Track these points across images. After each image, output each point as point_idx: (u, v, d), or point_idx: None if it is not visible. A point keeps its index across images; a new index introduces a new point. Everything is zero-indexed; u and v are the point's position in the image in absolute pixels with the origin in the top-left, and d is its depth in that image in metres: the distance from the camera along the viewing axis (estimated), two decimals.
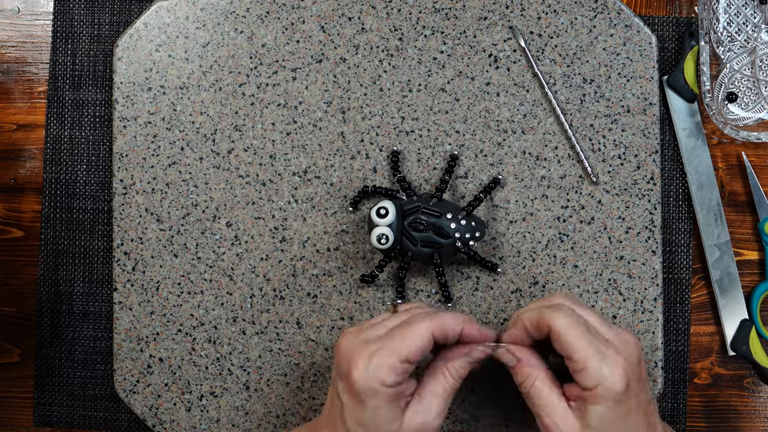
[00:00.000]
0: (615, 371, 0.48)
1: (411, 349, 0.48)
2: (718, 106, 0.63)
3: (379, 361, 0.48)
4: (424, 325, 0.49)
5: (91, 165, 0.65)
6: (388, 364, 0.48)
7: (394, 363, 0.48)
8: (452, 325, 0.50)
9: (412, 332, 0.48)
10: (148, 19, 0.63)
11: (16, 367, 0.65)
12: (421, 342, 0.48)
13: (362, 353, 0.49)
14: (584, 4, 0.62)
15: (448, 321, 0.50)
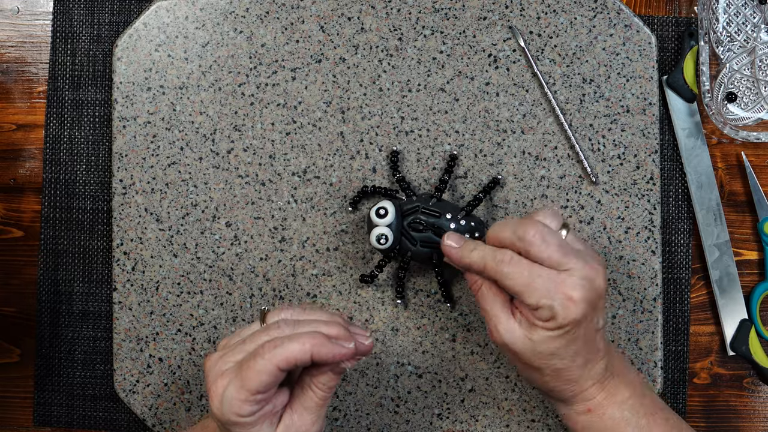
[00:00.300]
0: (568, 307, 0.48)
1: (259, 384, 0.47)
2: (718, 106, 0.63)
3: (230, 395, 0.48)
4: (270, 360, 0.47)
5: (90, 165, 0.65)
6: (239, 399, 0.48)
7: (245, 397, 0.48)
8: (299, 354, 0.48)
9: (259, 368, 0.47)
10: (147, 19, 0.63)
11: (16, 367, 0.66)
12: (267, 377, 0.47)
13: (217, 386, 0.49)
14: (584, 4, 0.62)
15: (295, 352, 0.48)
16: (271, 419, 0.49)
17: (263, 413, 0.49)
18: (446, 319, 0.62)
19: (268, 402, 0.49)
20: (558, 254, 0.49)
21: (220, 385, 0.48)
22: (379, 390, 0.62)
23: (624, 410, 0.52)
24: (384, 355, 0.62)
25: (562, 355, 0.50)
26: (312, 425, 0.50)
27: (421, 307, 0.62)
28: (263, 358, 0.48)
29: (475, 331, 0.62)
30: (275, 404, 0.50)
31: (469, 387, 0.62)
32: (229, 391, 0.48)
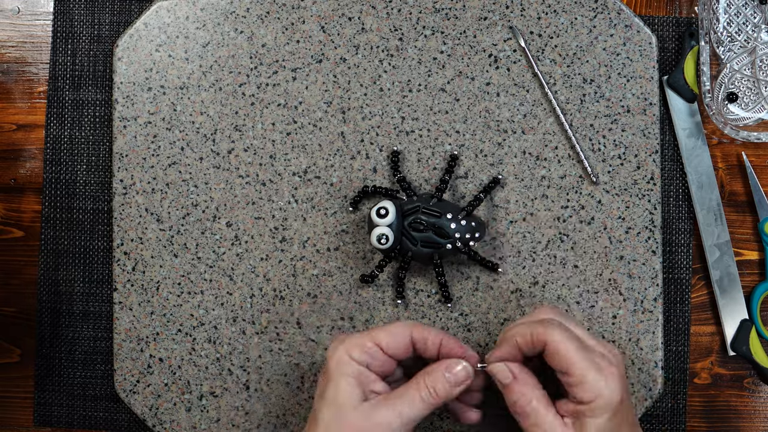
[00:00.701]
0: (612, 383, 0.48)
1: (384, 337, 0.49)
2: (718, 106, 0.63)
3: (352, 340, 0.50)
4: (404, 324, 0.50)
5: (91, 165, 0.65)
6: (358, 343, 0.50)
7: (364, 342, 0.49)
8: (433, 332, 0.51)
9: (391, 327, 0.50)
10: (148, 19, 0.63)
11: (16, 367, 0.65)
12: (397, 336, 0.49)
13: (341, 340, 0.51)
14: (584, 4, 0.62)
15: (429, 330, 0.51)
16: (365, 390, 0.50)
17: (366, 374, 0.49)
18: (446, 319, 0.62)
19: (376, 366, 0.50)
20: (584, 332, 0.52)
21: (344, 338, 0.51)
22: None
23: None
24: None
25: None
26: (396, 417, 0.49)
27: (421, 307, 0.62)
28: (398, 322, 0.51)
29: (475, 331, 0.62)
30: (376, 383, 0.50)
31: None
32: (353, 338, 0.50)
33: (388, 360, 0.51)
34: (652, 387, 0.61)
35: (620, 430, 0.49)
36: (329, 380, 0.50)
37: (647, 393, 0.61)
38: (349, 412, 0.49)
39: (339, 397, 0.49)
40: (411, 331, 0.51)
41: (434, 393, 0.50)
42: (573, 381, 0.49)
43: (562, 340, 0.49)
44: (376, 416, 0.49)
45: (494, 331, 0.62)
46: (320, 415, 0.50)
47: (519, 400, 0.51)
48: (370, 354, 0.50)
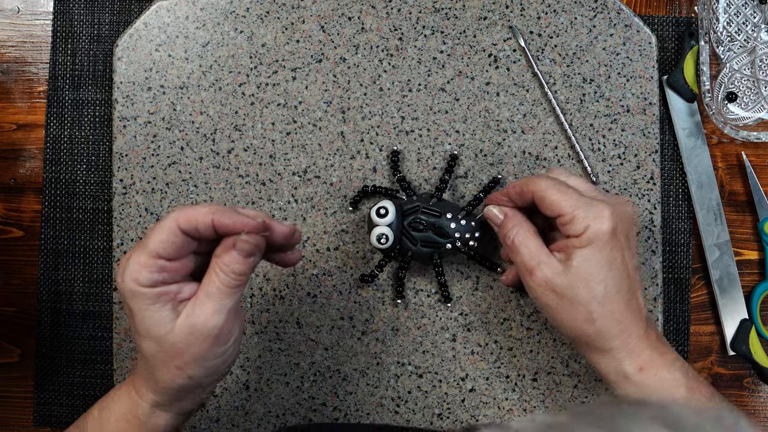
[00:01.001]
0: (602, 215, 0.50)
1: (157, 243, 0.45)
2: (718, 106, 0.63)
3: (132, 260, 0.46)
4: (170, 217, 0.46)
5: (91, 165, 0.65)
6: (139, 263, 0.45)
7: (145, 261, 0.45)
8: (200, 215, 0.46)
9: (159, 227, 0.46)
10: (148, 18, 0.63)
11: (16, 367, 0.65)
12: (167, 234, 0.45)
13: (123, 258, 0.47)
14: (584, 4, 0.62)
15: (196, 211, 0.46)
16: (174, 305, 0.46)
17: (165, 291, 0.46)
18: (446, 319, 0.62)
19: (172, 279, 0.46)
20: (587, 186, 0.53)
21: (125, 258, 0.46)
22: (379, 390, 0.62)
23: (674, 371, 0.51)
24: (384, 355, 0.62)
25: (603, 277, 0.50)
26: (212, 315, 0.46)
27: (421, 307, 0.62)
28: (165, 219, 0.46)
29: (475, 331, 0.62)
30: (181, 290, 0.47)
31: (469, 387, 0.62)
32: (132, 257, 0.46)
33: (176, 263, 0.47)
34: None
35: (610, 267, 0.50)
36: (133, 314, 0.47)
37: None
38: (167, 338, 0.46)
39: (150, 328, 0.46)
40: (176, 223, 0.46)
41: (234, 275, 0.47)
42: (564, 220, 0.51)
43: (548, 186, 0.51)
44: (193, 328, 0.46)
45: (494, 330, 0.62)
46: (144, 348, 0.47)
47: (508, 232, 0.53)
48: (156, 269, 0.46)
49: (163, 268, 0.46)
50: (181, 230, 0.46)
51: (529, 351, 0.62)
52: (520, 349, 0.62)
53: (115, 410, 0.50)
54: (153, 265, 0.46)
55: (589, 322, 0.51)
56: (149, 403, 0.49)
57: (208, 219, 0.46)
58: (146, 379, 0.49)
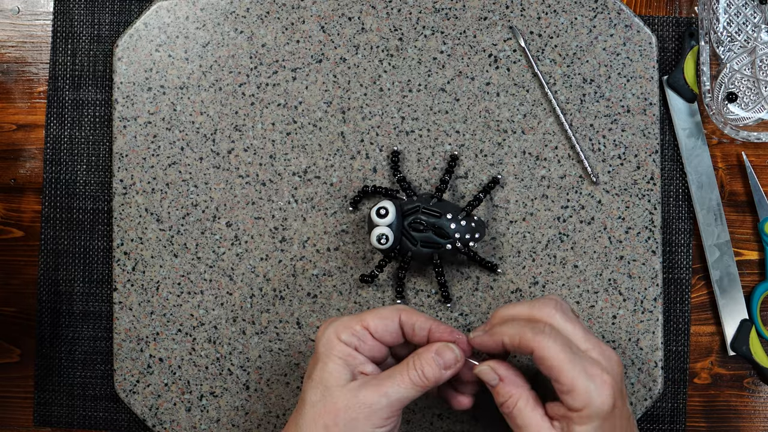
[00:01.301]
0: (603, 391, 0.47)
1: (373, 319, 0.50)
2: (718, 106, 0.63)
3: (342, 322, 0.50)
4: (394, 308, 0.51)
5: (91, 165, 0.65)
6: (346, 325, 0.50)
7: (353, 325, 0.50)
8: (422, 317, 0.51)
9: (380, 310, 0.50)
10: (148, 19, 0.63)
11: (16, 367, 0.65)
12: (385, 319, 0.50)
13: (330, 322, 0.51)
14: (584, 4, 0.62)
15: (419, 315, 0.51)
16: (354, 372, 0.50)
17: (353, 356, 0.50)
18: (446, 319, 0.62)
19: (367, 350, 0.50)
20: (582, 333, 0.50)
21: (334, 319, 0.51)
22: None
23: None
24: None
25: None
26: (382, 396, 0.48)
27: (421, 307, 0.62)
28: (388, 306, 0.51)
29: None
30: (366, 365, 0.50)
31: None
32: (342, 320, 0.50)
33: (377, 344, 0.51)
34: (652, 387, 0.61)
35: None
36: (317, 362, 0.50)
37: (647, 393, 0.61)
38: (335, 391, 0.49)
39: (326, 377, 0.49)
40: (400, 315, 0.51)
41: (422, 375, 0.49)
42: (563, 389, 0.48)
43: (549, 346, 0.48)
44: (362, 395, 0.48)
45: None
46: (307, 396, 0.50)
47: (506, 401, 0.50)
48: (359, 336, 0.50)
49: (363, 338, 0.50)
50: (400, 321, 0.50)
51: None
52: None
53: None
54: (358, 331, 0.50)
55: None
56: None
57: (427, 324, 0.51)
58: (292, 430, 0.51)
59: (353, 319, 0.50)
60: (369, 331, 0.50)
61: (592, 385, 0.47)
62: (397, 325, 0.51)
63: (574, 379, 0.47)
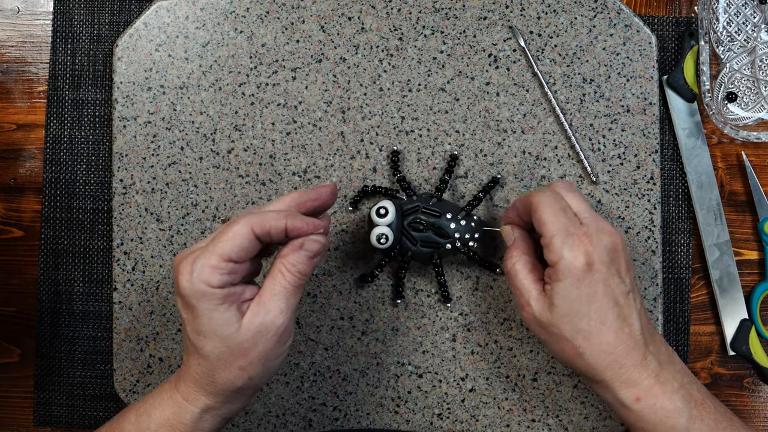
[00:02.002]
0: (575, 248, 0.49)
1: (230, 247, 0.47)
2: (718, 106, 0.63)
3: (201, 263, 0.47)
4: (243, 222, 0.47)
5: (91, 165, 0.65)
6: (209, 265, 0.47)
7: (216, 263, 0.47)
8: (273, 220, 0.48)
9: (231, 231, 0.47)
10: (148, 19, 0.63)
11: (16, 367, 0.65)
12: (240, 239, 0.47)
13: (186, 261, 0.48)
14: (584, 4, 0.62)
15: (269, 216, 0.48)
16: (239, 305, 0.48)
17: (231, 292, 0.47)
18: (446, 319, 0.62)
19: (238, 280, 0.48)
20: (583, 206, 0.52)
21: (191, 259, 0.47)
22: (379, 390, 0.62)
23: (676, 400, 0.49)
24: (384, 355, 0.62)
25: (585, 312, 0.49)
26: (279, 314, 0.48)
27: (421, 307, 0.62)
28: (237, 223, 0.47)
29: (475, 331, 0.62)
30: (244, 291, 0.48)
31: (469, 387, 0.62)
32: (200, 260, 0.47)
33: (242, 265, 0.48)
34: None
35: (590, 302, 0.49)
36: (197, 315, 0.47)
37: None
38: (233, 336, 0.47)
39: (216, 327, 0.47)
40: (251, 228, 0.48)
41: (299, 273, 0.49)
42: (544, 242, 0.50)
43: (544, 202, 0.51)
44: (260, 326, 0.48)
45: (494, 331, 0.62)
46: (206, 349, 0.48)
47: (509, 260, 0.53)
48: (226, 271, 0.47)
49: (232, 271, 0.47)
50: (254, 235, 0.48)
51: (529, 351, 0.62)
52: (520, 349, 0.62)
53: (156, 416, 0.50)
54: (224, 268, 0.47)
55: (577, 356, 0.50)
56: (199, 407, 0.50)
57: (281, 224, 0.48)
58: (200, 383, 0.49)
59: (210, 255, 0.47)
60: (231, 260, 0.47)
61: (567, 241, 0.49)
62: (252, 238, 0.48)
63: (553, 233, 0.49)
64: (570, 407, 0.62)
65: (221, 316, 0.47)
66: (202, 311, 0.47)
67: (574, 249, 0.49)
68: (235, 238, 0.47)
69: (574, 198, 0.53)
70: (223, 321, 0.47)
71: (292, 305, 0.49)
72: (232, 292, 0.48)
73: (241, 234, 0.47)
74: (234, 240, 0.47)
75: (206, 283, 0.47)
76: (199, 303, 0.47)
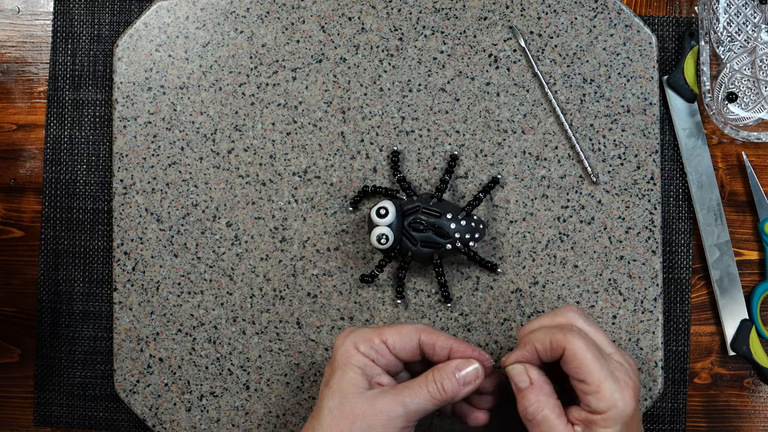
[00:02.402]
0: (626, 395, 0.48)
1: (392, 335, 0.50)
2: (718, 106, 0.63)
3: (360, 334, 0.51)
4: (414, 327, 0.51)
5: (91, 165, 0.65)
6: (365, 337, 0.50)
7: (372, 337, 0.50)
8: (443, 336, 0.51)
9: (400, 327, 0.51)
10: (148, 19, 0.63)
11: (16, 367, 0.65)
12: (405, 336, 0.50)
13: (349, 332, 0.52)
14: (584, 4, 0.62)
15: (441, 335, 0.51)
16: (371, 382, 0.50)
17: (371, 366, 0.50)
18: (446, 319, 0.62)
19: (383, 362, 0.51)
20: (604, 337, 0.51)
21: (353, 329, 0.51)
22: None
23: None
24: None
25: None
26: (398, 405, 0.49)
27: (421, 307, 0.62)
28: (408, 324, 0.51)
29: (475, 331, 0.62)
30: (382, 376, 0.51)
31: None
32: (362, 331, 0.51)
33: (393, 359, 0.52)
34: (652, 387, 0.61)
35: None
36: (335, 370, 0.51)
37: (647, 393, 0.61)
38: (352, 399, 0.49)
39: (344, 385, 0.50)
40: (420, 334, 0.51)
41: (441, 388, 0.50)
42: (589, 390, 0.49)
43: (581, 347, 0.49)
44: (379, 403, 0.49)
45: (494, 331, 0.62)
46: (325, 402, 0.50)
47: (532, 406, 0.50)
48: (377, 350, 0.51)
49: (381, 352, 0.50)
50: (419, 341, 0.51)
51: None
52: None
53: None
54: (376, 344, 0.50)
55: None
56: None
57: (447, 344, 0.51)
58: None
59: (373, 332, 0.51)
60: (387, 346, 0.51)
61: (617, 388, 0.48)
62: (416, 344, 0.51)
63: (601, 380, 0.48)
64: None
65: (352, 378, 0.50)
66: (338, 366, 0.51)
67: (624, 396, 0.48)
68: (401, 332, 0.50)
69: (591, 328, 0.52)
70: (352, 382, 0.50)
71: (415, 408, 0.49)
72: (371, 366, 0.50)
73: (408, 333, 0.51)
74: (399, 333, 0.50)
75: (355, 346, 0.50)
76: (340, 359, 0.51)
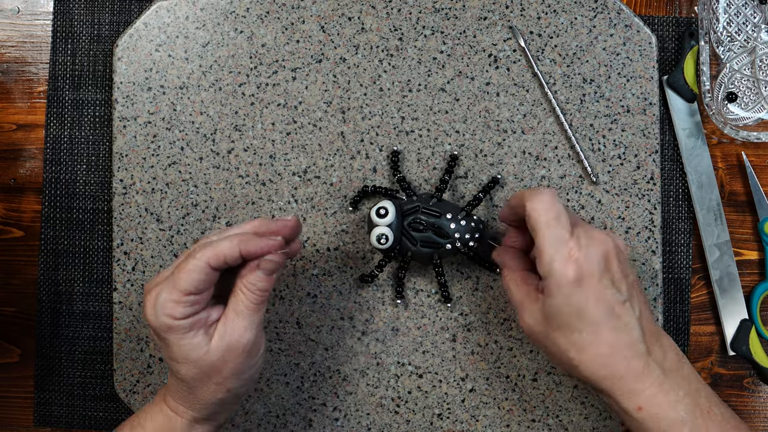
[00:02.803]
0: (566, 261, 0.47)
1: (188, 281, 0.49)
2: (718, 106, 0.63)
3: (163, 297, 0.49)
4: (198, 255, 0.49)
5: (91, 165, 0.65)
6: (171, 300, 0.49)
7: (177, 297, 0.49)
8: (227, 249, 0.49)
9: (188, 265, 0.49)
10: (148, 19, 0.63)
11: (16, 367, 0.65)
12: (197, 273, 0.49)
13: (150, 295, 0.50)
14: (584, 4, 0.62)
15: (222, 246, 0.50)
16: (206, 329, 0.50)
17: (197, 319, 0.49)
18: (446, 319, 0.62)
19: (202, 307, 0.50)
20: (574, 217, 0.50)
21: (154, 293, 0.50)
22: (379, 390, 0.62)
23: (680, 410, 0.48)
24: (384, 355, 0.62)
25: (576, 326, 0.47)
26: (245, 331, 0.50)
27: (421, 307, 0.62)
28: (194, 257, 0.49)
29: (475, 331, 0.62)
30: (210, 314, 0.50)
31: (470, 387, 0.62)
32: (162, 294, 0.49)
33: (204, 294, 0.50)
34: None
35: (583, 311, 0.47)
36: (168, 344, 0.50)
37: None
38: (204, 359, 0.50)
39: (187, 353, 0.49)
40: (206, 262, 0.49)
41: (259, 291, 0.50)
42: (536, 252, 0.49)
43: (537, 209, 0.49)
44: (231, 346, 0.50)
45: (494, 331, 0.62)
46: (182, 373, 0.50)
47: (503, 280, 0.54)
48: (189, 304, 0.49)
49: (194, 302, 0.49)
50: (210, 267, 0.49)
51: (529, 351, 0.62)
52: (520, 349, 0.62)
53: (150, 428, 0.53)
54: (185, 301, 0.49)
55: (573, 368, 0.49)
56: (188, 419, 0.52)
57: (236, 252, 0.50)
58: (183, 399, 0.52)
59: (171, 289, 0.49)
60: (191, 293, 0.49)
61: (556, 254, 0.47)
62: (209, 271, 0.49)
63: (545, 242, 0.48)
64: (570, 407, 0.62)
65: (189, 343, 0.49)
66: (171, 341, 0.50)
67: (564, 263, 0.47)
68: (192, 272, 0.49)
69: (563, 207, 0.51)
70: (192, 347, 0.49)
71: (256, 321, 0.51)
72: (197, 320, 0.50)
73: (198, 268, 0.49)
74: (191, 274, 0.49)
75: (170, 316, 0.49)
76: (167, 335, 0.49)
